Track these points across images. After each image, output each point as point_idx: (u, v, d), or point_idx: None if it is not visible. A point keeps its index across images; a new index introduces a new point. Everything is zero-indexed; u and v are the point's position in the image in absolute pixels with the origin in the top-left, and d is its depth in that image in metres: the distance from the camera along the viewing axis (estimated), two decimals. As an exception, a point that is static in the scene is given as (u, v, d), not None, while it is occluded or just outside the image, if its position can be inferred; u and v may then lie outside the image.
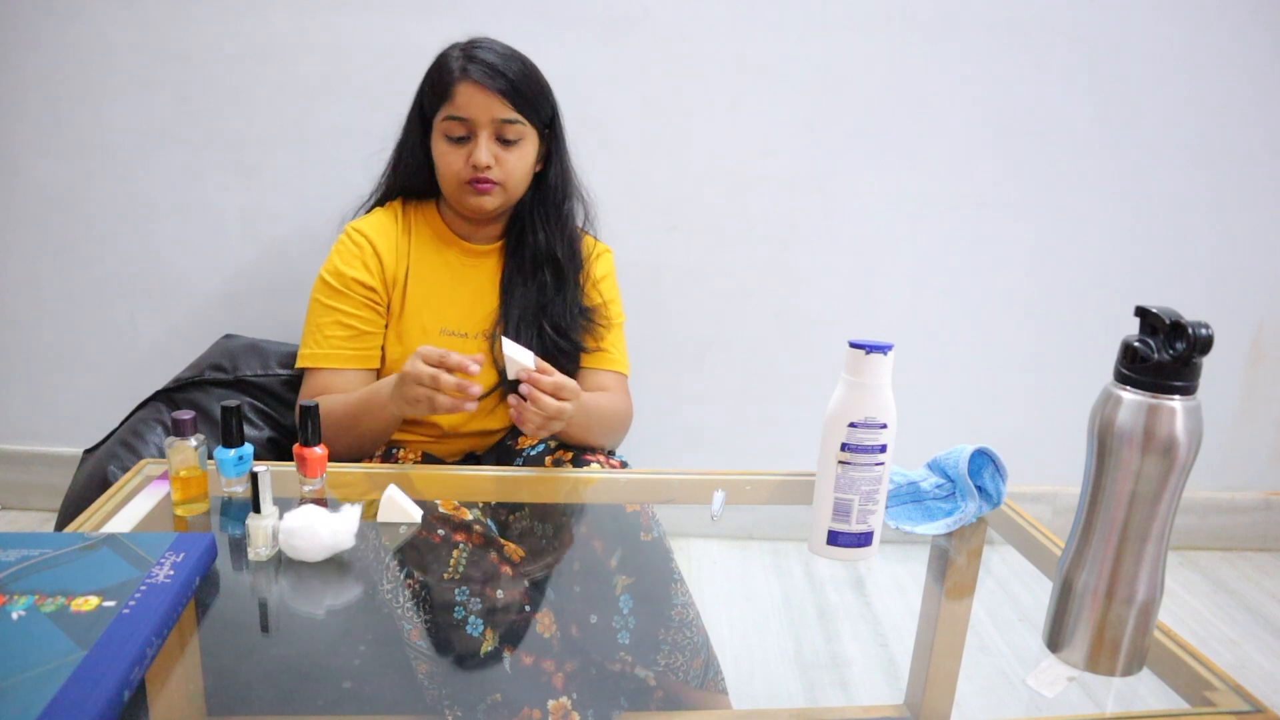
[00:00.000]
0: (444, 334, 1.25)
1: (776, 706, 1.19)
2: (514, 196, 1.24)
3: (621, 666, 0.90)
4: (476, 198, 1.20)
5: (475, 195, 1.20)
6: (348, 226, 1.26)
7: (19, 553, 0.76)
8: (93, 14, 1.59)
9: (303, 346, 1.23)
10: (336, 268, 1.23)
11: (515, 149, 1.20)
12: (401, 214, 1.28)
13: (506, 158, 1.19)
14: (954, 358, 1.83)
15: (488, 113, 1.17)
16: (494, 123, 1.18)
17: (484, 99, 1.16)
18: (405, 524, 0.94)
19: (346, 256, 1.23)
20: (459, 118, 1.17)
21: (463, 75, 1.17)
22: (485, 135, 1.18)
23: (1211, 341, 0.66)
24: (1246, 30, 1.67)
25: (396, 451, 1.27)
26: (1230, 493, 1.97)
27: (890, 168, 1.72)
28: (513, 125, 1.18)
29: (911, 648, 1.02)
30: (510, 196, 1.23)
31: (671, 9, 1.61)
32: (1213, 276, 1.82)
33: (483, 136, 1.18)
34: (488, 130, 1.18)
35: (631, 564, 0.95)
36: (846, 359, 0.85)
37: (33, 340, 1.78)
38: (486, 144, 1.18)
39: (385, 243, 1.24)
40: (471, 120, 1.17)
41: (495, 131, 1.18)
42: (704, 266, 1.76)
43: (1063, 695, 0.73)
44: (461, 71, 1.17)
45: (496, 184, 1.19)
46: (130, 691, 0.63)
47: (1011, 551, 1.01)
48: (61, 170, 1.67)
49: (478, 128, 1.18)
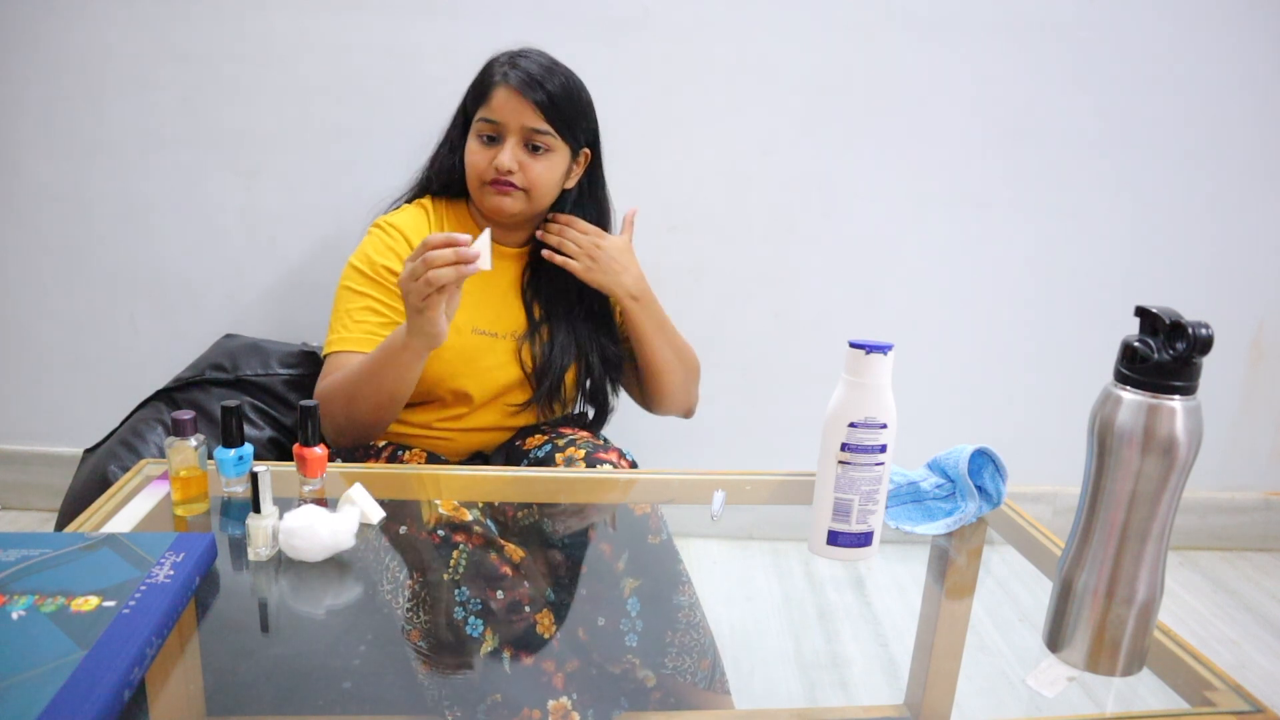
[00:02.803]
0: (475, 333, 1.25)
1: (777, 706, 1.19)
2: (538, 205, 1.24)
3: (627, 669, 0.90)
4: (496, 198, 1.21)
5: (495, 195, 1.21)
6: (379, 220, 1.27)
7: (19, 553, 0.76)
8: (93, 14, 1.59)
9: (330, 333, 1.22)
10: (368, 256, 1.23)
11: (542, 158, 1.21)
12: (432, 209, 1.29)
13: (532, 165, 1.20)
14: (954, 358, 1.83)
15: (518, 118, 1.18)
16: (523, 129, 1.19)
17: (517, 105, 1.18)
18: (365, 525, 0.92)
19: (378, 247, 1.23)
20: (491, 120, 1.20)
21: (502, 80, 1.19)
22: (513, 140, 1.19)
23: (1211, 341, 0.66)
24: (1246, 30, 1.67)
25: (402, 453, 1.27)
26: (1230, 493, 1.97)
27: (890, 168, 1.72)
28: (542, 135, 1.20)
29: (911, 648, 1.02)
30: (534, 204, 1.23)
31: (671, 9, 1.62)
32: (1213, 276, 1.82)
33: (510, 141, 1.19)
34: (516, 136, 1.19)
35: (639, 566, 0.95)
36: (846, 359, 0.85)
37: (33, 340, 1.78)
38: (513, 149, 1.19)
39: (417, 237, 1.25)
40: (502, 124, 1.19)
41: (524, 138, 1.20)
42: (704, 266, 1.76)
43: (1063, 695, 0.73)
44: (502, 76, 1.19)
45: (519, 189, 1.21)
46: (130, 691, 0.63)
47: (1011, 551, 1.01)
48: (61, 170, 1.67)
49: (507, 132, 1.19)
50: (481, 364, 1.25)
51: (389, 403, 1.14)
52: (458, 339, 1.22)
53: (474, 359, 1.24)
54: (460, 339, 1.23)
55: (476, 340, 1.25)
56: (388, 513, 0.94)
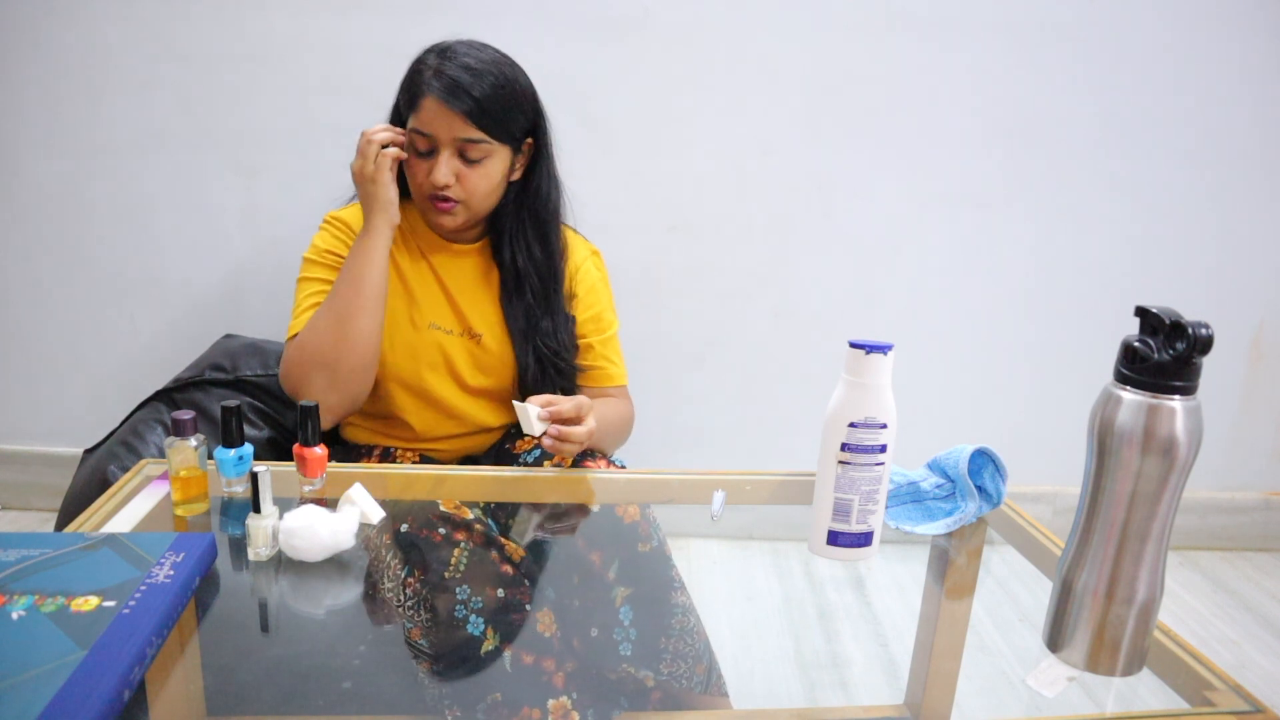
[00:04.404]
0: (431, 328, 1.24)
1: (776, 706, 1.19)
2: (479, 212, 1.20)
3: (623, 677, 0.90)
4: (437, 215, 1.18)
5: (436, 213, 1.17)
6: (327, 215, 1.26)
7: (19, 553, 0.76)
8: (93, 14, 1.59)
9: (291, 322, 1.19)
10: (318, 247, 1.22)
11: (479, 167, 1.15)
12: None
13: (469, 175, 1.15)
14: (954, 358, 1.83)
15: (449, 131, 1.12)
16: (455, 140, 1.13)
17: (447, 118, 1.12)
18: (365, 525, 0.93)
19: (327, 238, 1.22)
20: (422, 132, 1.13)
21: (429, 89, 1.12)
22: (447, 153, 1.13)
23: (1211, 341, 0.66)
24: (1246, 30, 1.67)
25: (395, 451, 1.27)
26: (1230, 493, 1.97)
27: (890, 168, 1.72)
28: (476, 145, 1.13)
29: (911, 648, 1.02)
30: (475, 213, 1.19)
31: (671, 9, 1.61)
32: (1213, 276, 1.82)
33: (444, 155, 1.13)
34: (450, 148, 1.13)
35: (631, 575, 0.95)
36: (846, 359, 0.85)
37: (33, 340, 1.78)
38: (447, 162, 1.13)
39: None
40: (433, 136, 1.13)
41: (458, 149, 1.14)
42: (704, 266, 1.76)
43: (1063, 695, 0.73)
44: (429, 85, 1.12)
45: (457, 202, 1.16)
46: (130, 691, 0.63)
47: (1011, 551, 1.01)
48: (61, 170, 1.67)
49: (440, 144, 1.13)
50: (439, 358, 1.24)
51: (372, 306, 1.14)
52: (414, 335, 1.22)
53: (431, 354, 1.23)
54: (416, 335, 1.22)
55: (432, 335, 1.23)
56: (387, 513, 0.94)
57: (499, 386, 1.27)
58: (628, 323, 1.39)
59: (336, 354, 1.12)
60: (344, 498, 0.92)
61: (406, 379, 1.23)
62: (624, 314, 1.38)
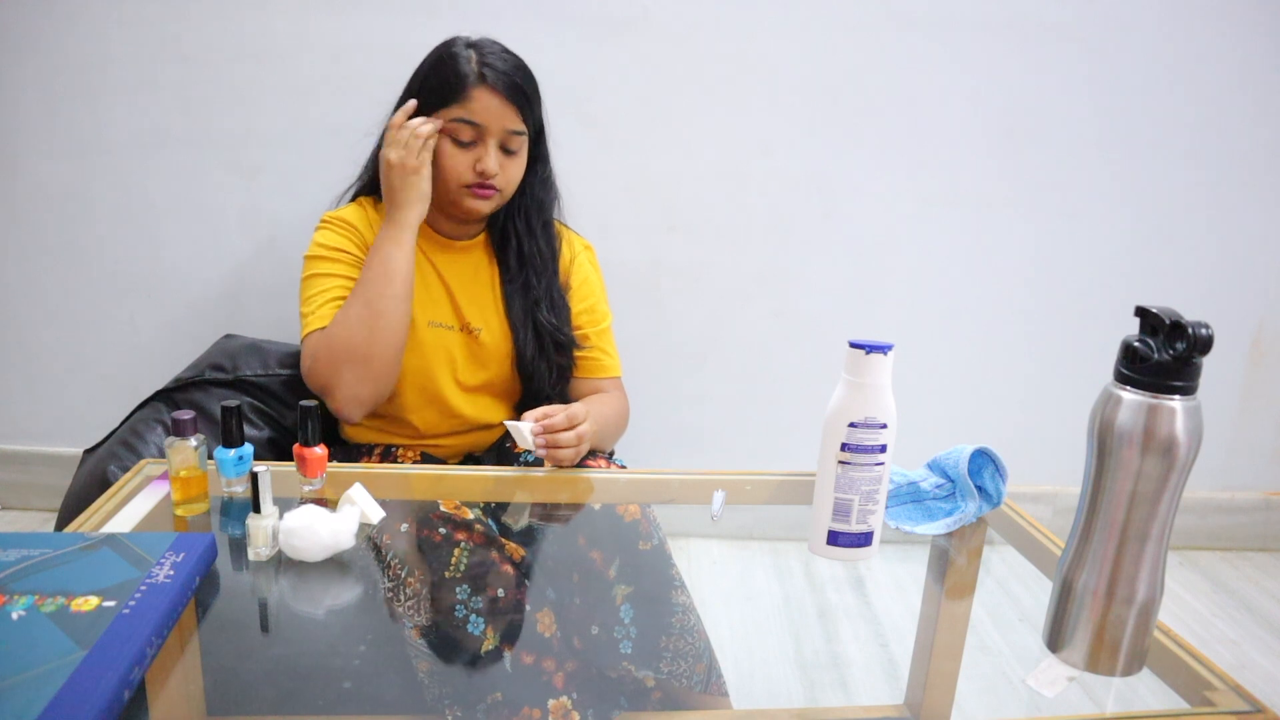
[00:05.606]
0: (431, 325, 1.24)
1: (776, 706, 1.19)
2: (507, 199, 1.25)
3: (624, 675, 0.90)
4: (475, 201, 1.20)
5: (474, 199, 1.20)
6: (326, 215, 1.26)
7: (19, 553, 0.76)
8: (93, 14, 1.59)
9: (304, 320, 1.18)
10: (321, 244, 1.22)
11: (515, 158, 1.21)
12: (373, 212, 1.26)
13: (508, 165, 1.20)
14: (954, 358, 1.83)
15: (500, 122, 1.17)
16: (504, 132, 1.18)
17: (500, 108, 1.16)
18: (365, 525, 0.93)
19: (335, 238, 1.22)
20: (472, 122, 1.16)
21: (479, 80, 1.15)
22: (494, 143, 1.18)
23: (1211, 341, 0.66)
24: (1246, 30, 1.67)
25: (396, 450, 1.27)
26: (1230, 493, 1.97)
27: (890, 168, 1.72)
28: (517, 136, 1.19)
29: (911, 648, 1.02)
30: (504, 201, 1.24)
31: (671, 9, 1.61)
32: (1213, 276, 1.82)
33: (491, 144, 1.18)
34: (497, 138, 1.18)
35: (631, 573, 0.95)
36: (846, 359, 0.85)
37: (33, 340, 1.78)
38: (495, 152, 1.18)
39: (363, 227, 1.24)
40: (484, 126, 1.17)
41: (502, 140, 1.18)
42: (704, 266, 1.76)
43: (1063, 695, 0.73)
44: (478, 76, 1.15)
45: (497, 190, 1.20)
46: (130, 691, 0.63)
47: (1011, 551, 1.01)
48: (61, 170, 1.67)
49: (488, 135, 1.17)
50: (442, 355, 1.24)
51: (405, 296, 1.15)
52: (414, 332, 1.22)
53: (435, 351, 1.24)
54: (416, 333, 1.22)
55: (433, 333, 1.24)
56: (387, 513, 0.94)
57: (497, 379, 1.28)
58: (628, 323, 1.39)
59: (370, 346, 1.13)
60: (344, 498, 0.92)
61: (416, 376, 1.23)
62: (624, 314, 1.38)
